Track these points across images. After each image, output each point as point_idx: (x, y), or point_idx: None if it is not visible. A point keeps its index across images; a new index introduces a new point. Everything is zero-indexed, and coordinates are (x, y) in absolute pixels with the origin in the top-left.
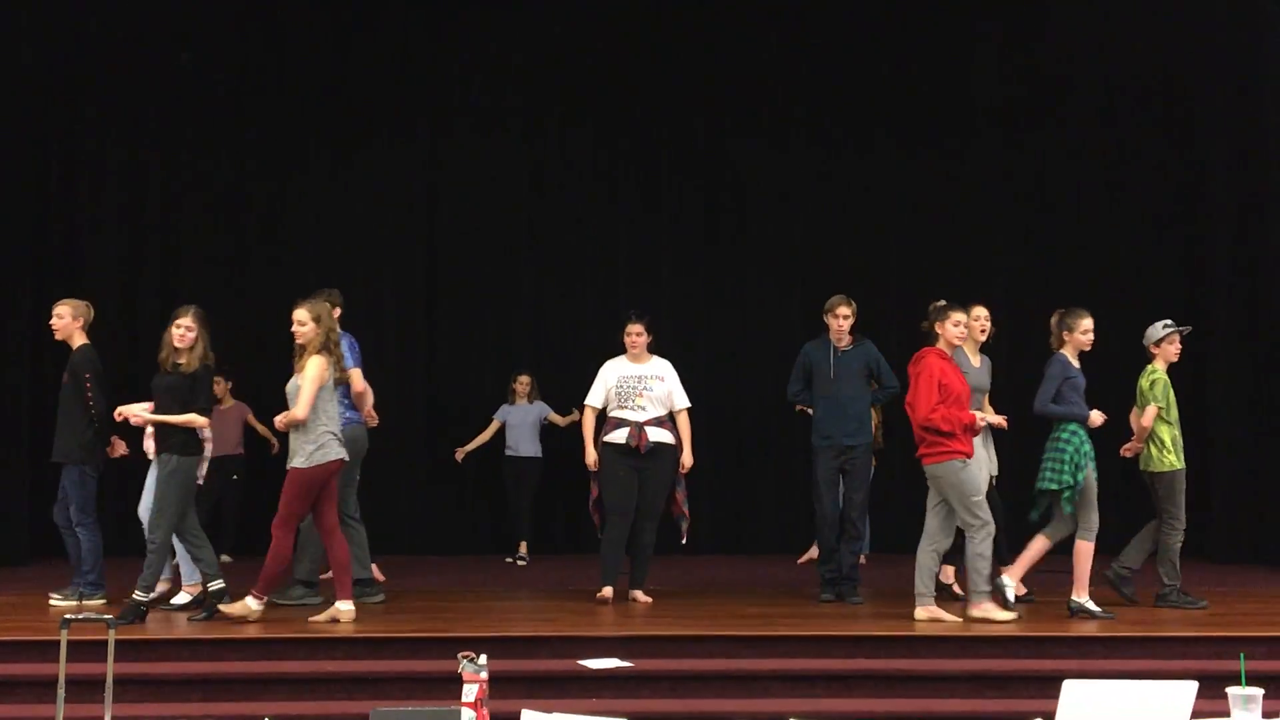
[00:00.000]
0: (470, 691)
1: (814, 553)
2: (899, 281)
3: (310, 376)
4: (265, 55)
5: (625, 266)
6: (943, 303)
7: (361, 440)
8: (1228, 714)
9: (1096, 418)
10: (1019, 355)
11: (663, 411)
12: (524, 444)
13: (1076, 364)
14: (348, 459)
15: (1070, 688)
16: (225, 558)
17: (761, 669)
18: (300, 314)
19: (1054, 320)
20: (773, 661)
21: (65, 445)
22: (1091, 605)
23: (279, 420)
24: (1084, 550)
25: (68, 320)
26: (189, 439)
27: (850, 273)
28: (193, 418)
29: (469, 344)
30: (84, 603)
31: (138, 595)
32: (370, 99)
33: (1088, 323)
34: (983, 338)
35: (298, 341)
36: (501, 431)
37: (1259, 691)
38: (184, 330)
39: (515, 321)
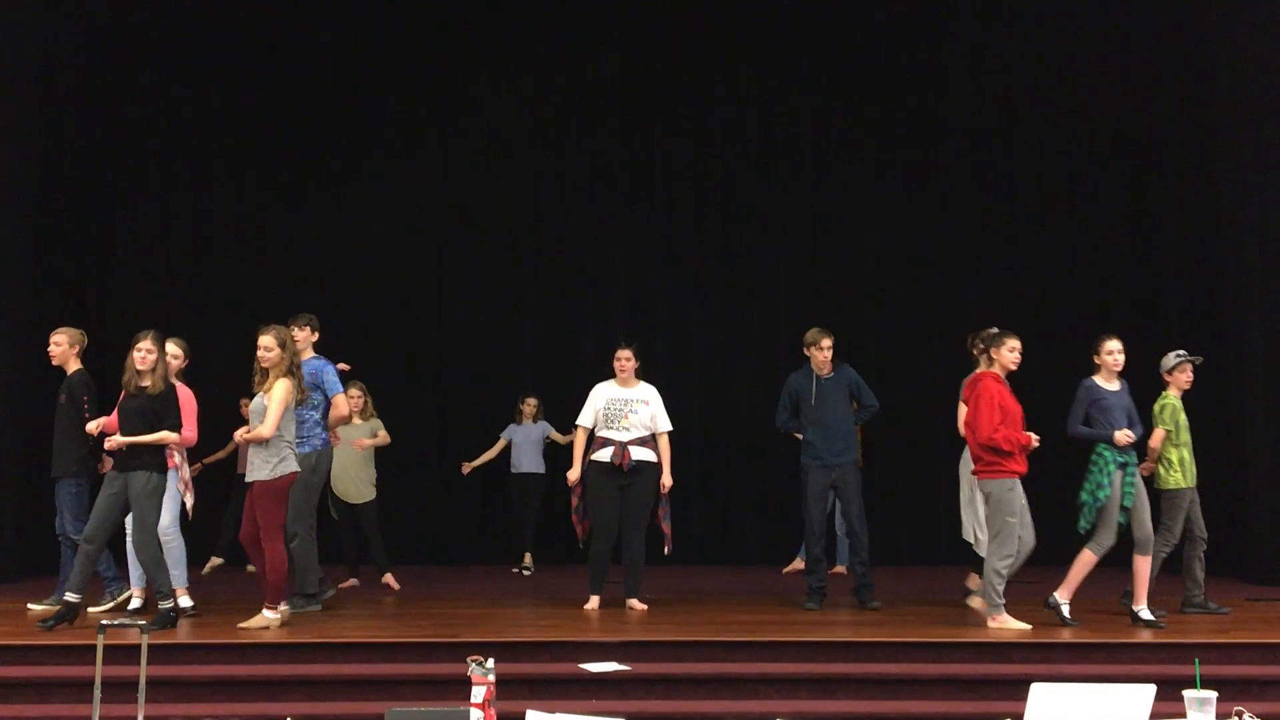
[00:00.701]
0: (479, 693)
1: (798, 564)
2: (875, 308)
3: (278, 399)
4: (281, 100)
5: (622, 297)
6: (995, 330)
7: (330, 459)
8: (1184, 715)
9: (1120, 438)
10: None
11: (646, 433)
12: (528, 461)
13: (1111, 385)
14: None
15: (1038, 690)
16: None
17: (749, 672)
18: (267, 340)
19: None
20: (759, 665)
21: (63, 460)
22: (1065, 610)
23: (242, 436)
24: (1084, 559)
25: (65, 347)
26: (162, 456)
27: (830, 300)
28: (165, 435)
29: (476, 369)
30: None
31: (163, 604)
32: (380, 142)
33: (1109, 344)
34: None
35: (262, 365)
36: (507, 449)
37: (1213, 694)
38: (144, 353)
39: (519, 348)
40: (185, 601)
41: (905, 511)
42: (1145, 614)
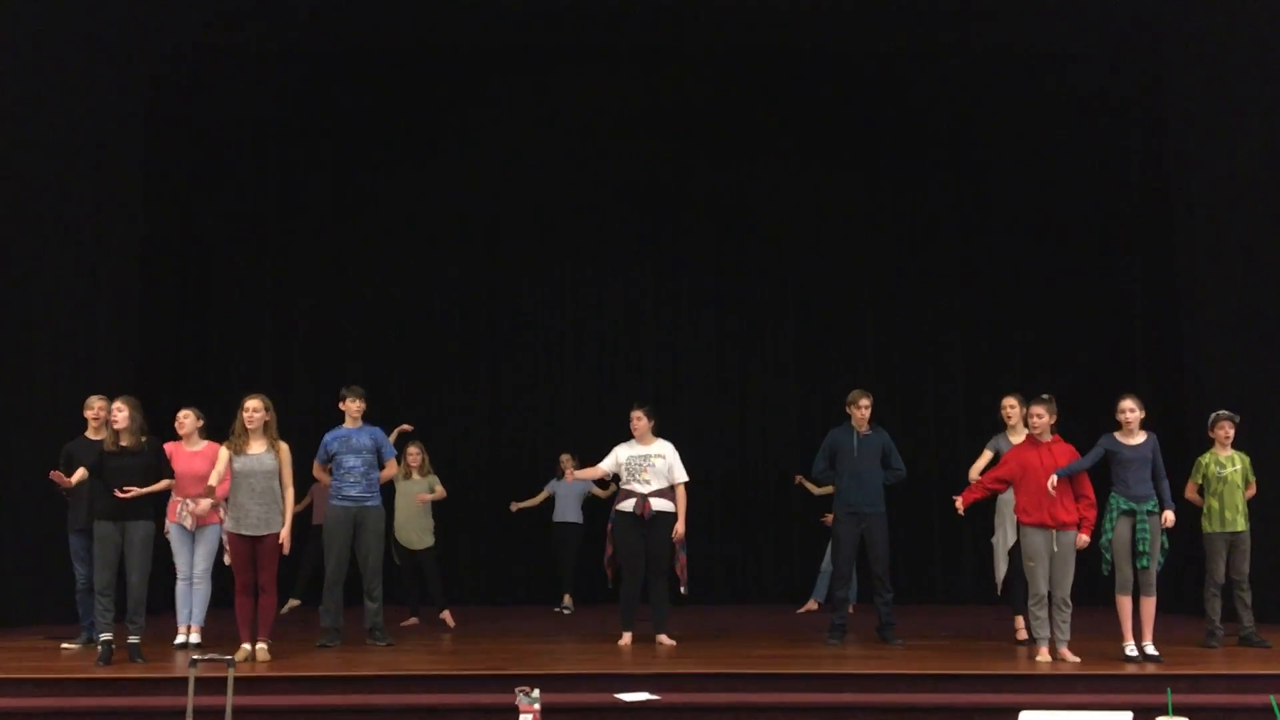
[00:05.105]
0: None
1: (812, 605)
2: (873, 375)
3: (290, 461)
4: (343, 190)
5: (651, 367)
6: (1045, 398)
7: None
8: None
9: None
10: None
11: (665, 484)
12: (569, 512)
13: (1130, 440)
14: None
15: (1026, 718)
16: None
17: (767, 702)
18: (257, 403)
19: None
20: (776, 695)
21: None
22: (1130, 650)
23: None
24: (1119, 606)
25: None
26: (154, 507)
27: (834, 371)
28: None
29: (522, 431)
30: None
31: (104, 636)
32: (444, 235)
33: (1121, 404)
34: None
35: (251, 426)
36: (550, 501)
37: None
38: (114, 412)
39: (560, 412)
40: (195, 639)
41: (936, 554)
42: (1130, 650)
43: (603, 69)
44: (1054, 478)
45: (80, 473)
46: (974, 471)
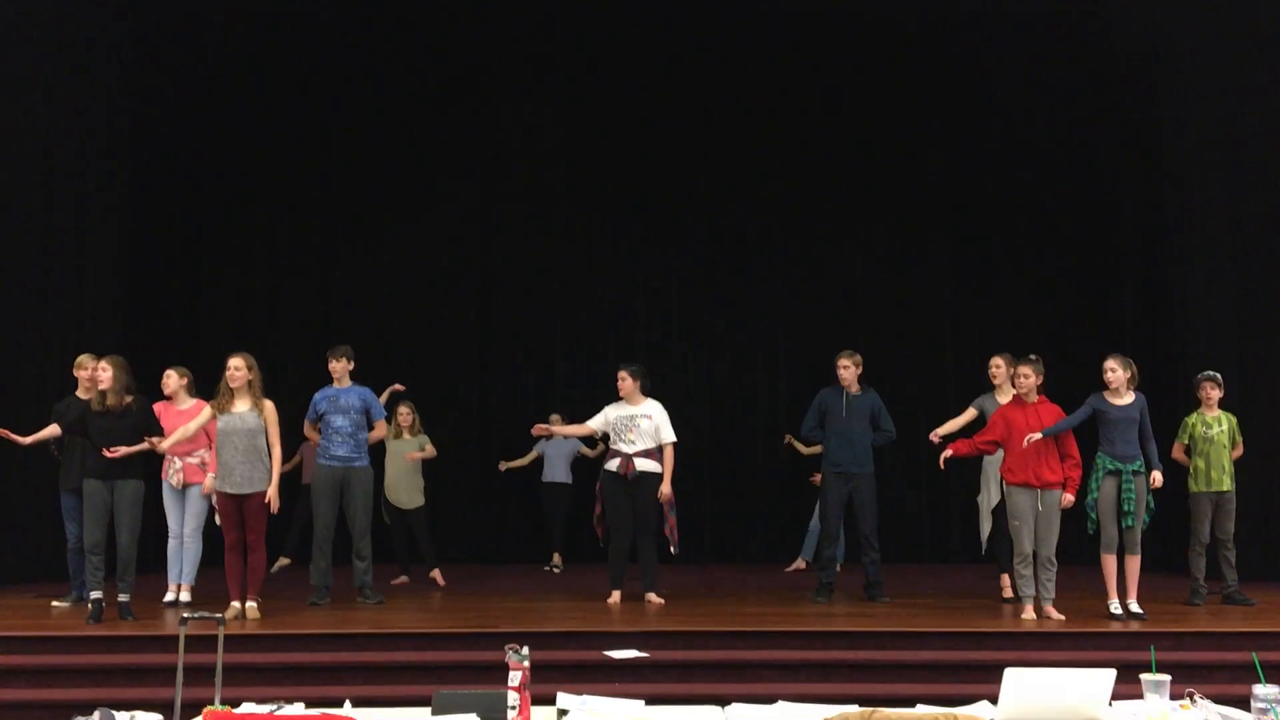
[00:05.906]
0: (515, 677)
1: (800, 563)
2: (867, 344)
3: (276, 419)
4: (346, 151)
5: (642, 330)
6: (1032, 359)
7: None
8: (1141, 696)
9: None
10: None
11: (653, 444)
12: (558, 472)
13: (1119, 400)
14: None
15: (1011, 674)
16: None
17: (755, 659)
18: (238, 361)
19: None
20: (765, 653)
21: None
22: (1115, 608)
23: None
24: (1103, 564)
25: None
26: (144, 466)
27: (824, 331)
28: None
29: (512, 390)
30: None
31: (94, 595)
32: (427, 191)
33: (1105, 363)
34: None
35: (234, 385)
36: (540, 461)
37: (1167, 677)
38: (99, 372)
39: (550, 371)
40: (185, 597)
41: (923, 514)
42: (1114, 607)
43: (595, 70)
44: (1036, 435)
45: (49, 430)
46: (950, 426)
